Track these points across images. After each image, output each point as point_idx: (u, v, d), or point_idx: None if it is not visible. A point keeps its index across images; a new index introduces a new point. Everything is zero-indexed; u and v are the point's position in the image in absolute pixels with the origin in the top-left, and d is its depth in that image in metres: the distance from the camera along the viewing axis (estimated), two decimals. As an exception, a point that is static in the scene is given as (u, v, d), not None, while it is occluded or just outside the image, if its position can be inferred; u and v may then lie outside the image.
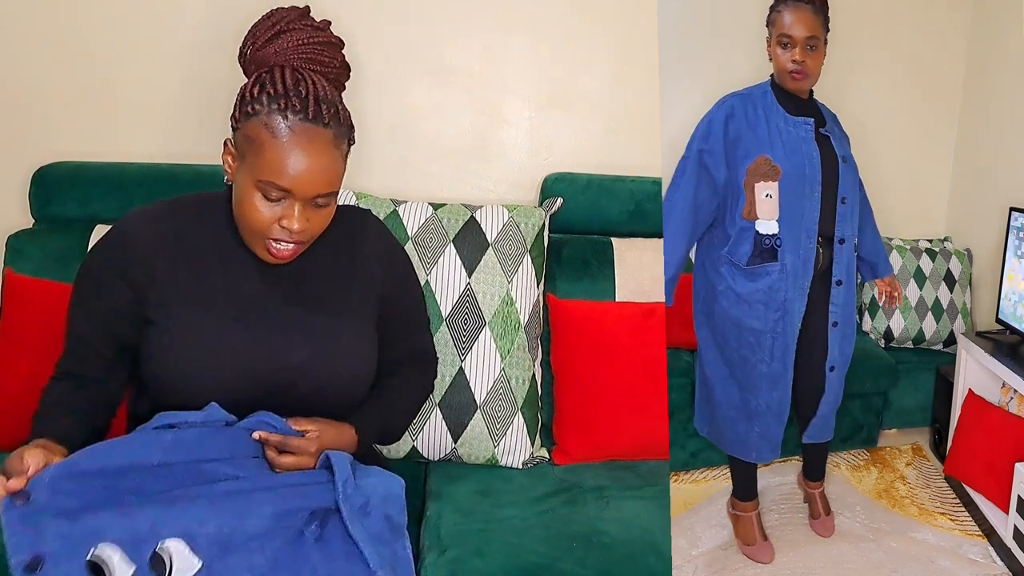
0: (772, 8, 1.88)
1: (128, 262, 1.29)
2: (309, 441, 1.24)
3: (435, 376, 1.62)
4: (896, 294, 2.15)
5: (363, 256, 1.41)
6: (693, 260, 2.67)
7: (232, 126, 1.26)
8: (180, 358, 1.27)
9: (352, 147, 1.31)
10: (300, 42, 1.27)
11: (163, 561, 1.09)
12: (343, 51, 1.36)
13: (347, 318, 1.36)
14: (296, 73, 1.23)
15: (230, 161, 1.26)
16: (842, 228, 1.92)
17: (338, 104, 1.25)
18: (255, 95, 1.21)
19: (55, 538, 1.05)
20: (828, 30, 1.88)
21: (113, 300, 1.30)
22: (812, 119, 1.89)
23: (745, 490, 2.16)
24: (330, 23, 1.35)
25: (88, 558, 1.05)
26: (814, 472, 2.25)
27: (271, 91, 1.20)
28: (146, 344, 1.30)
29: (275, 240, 1.24)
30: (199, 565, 1.10)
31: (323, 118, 1.20)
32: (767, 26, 1.90)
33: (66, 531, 1.05)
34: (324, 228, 1.29)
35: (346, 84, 1.37)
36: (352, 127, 1.29)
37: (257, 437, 1.21)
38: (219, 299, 1.30)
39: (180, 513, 1.11)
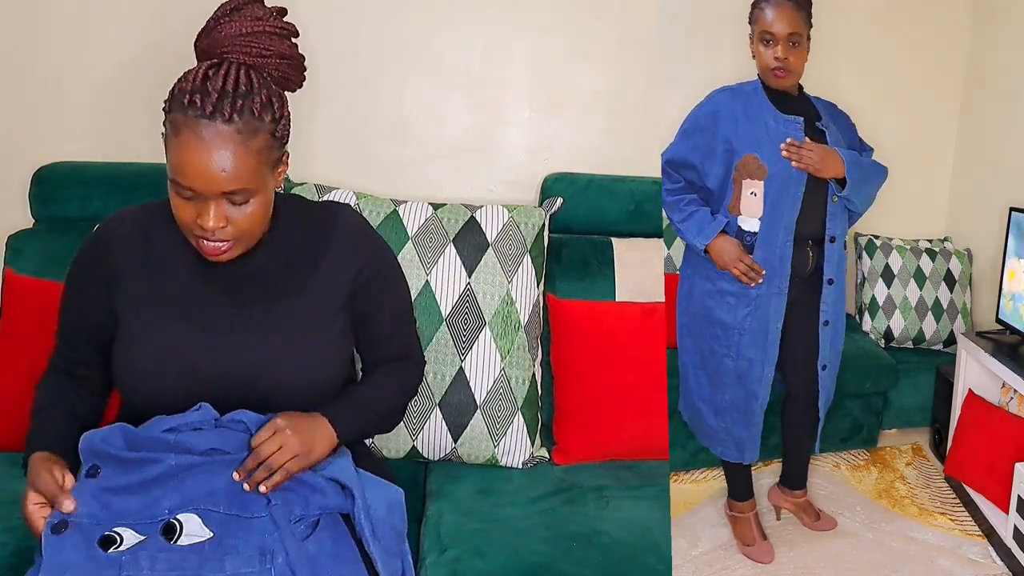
0: (754, 5, 1.87)
1: (102, 263, 1.32)
2: (272, 442, 1.21)
3: (419, 378, 1.53)
4: (803, 155, 1.83)
5: (329, 256, 1.37)
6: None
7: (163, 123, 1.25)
8: (132, 361, 1.28)
9: (286, 142, 1.27)
10: (233, 33, 1.25)
11: (174, 527, 1.13)
12: (294, 39, 1.31)
13: (307, 319, 1.33)
14: (213, 68, 1.21)
15: None
16: (832, 226, 1.91)
17: (255, 94, 1.20)
18: (173, 93, 1.21)
19: (85, 515, 1.13)
20: (811, 26, 1.86)
21: (92, 300, 1.33)
22: (802, 117, 1.87)
23: (740, 490, 2.16)
24: (283, 12, 1.30)
25: (103, 534, 1.12)
26: (798, 478, 2.23)
27: (182, 87, 1.20)
28: (114, 345, 1.32)
29: (202, 239, 1.22)
30: (210, 535, 1.14)
31: (223, 113, 1.16)
32: (749, 23, 1.88)
33: (95, 512, 1.14)
34: (253, 227, 1.24)
35: (298, 75, 1.33)
36: (279, 119, 1.24)
37: (237, 478, 1.19)
38: (173, 302, 1.30)
39: (194, 494, 1.16)
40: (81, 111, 2.02)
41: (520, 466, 1.79)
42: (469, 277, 1.81)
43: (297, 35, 1.31)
